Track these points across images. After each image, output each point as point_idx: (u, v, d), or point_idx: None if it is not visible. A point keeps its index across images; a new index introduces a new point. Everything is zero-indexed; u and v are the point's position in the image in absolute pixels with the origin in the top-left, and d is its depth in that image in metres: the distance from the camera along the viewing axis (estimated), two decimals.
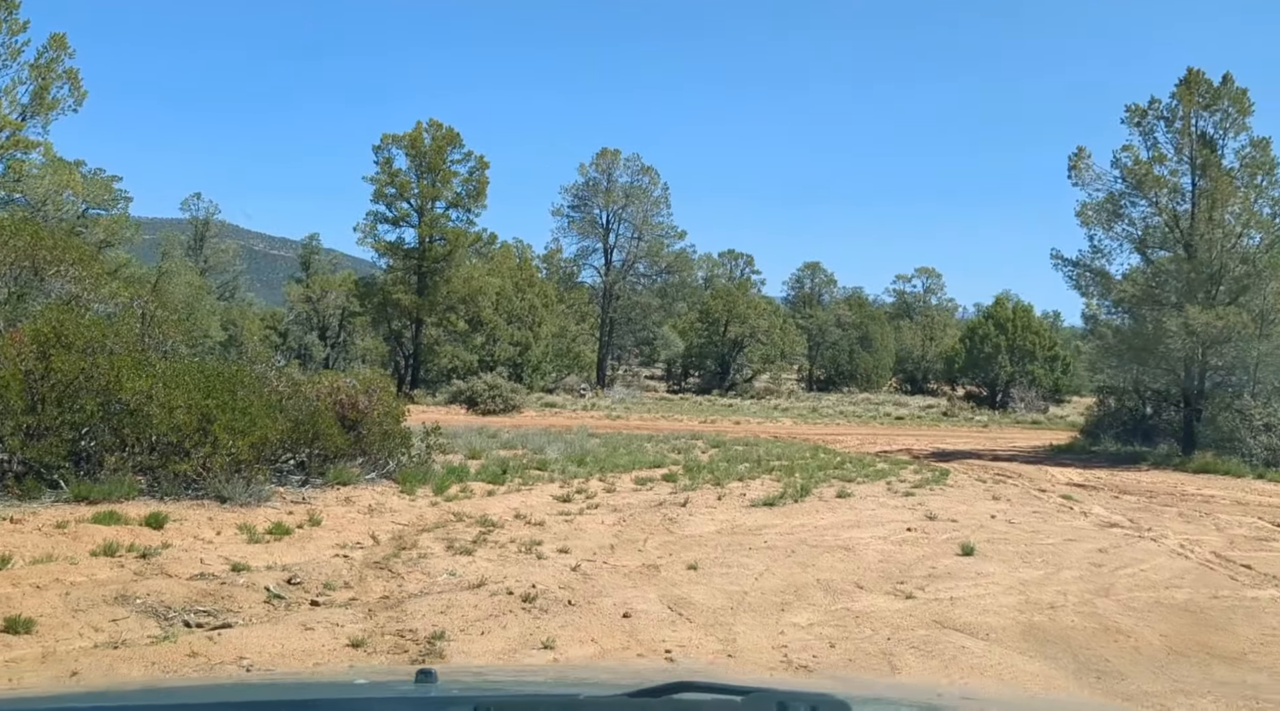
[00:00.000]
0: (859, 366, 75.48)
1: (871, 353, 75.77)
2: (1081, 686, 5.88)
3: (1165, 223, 23.90)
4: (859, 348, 76.08)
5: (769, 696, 1.74)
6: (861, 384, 73.60)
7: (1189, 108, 23.03)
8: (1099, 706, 4.78)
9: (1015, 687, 5.68)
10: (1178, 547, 11.06)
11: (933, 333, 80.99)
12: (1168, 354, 22.92)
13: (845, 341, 77.34)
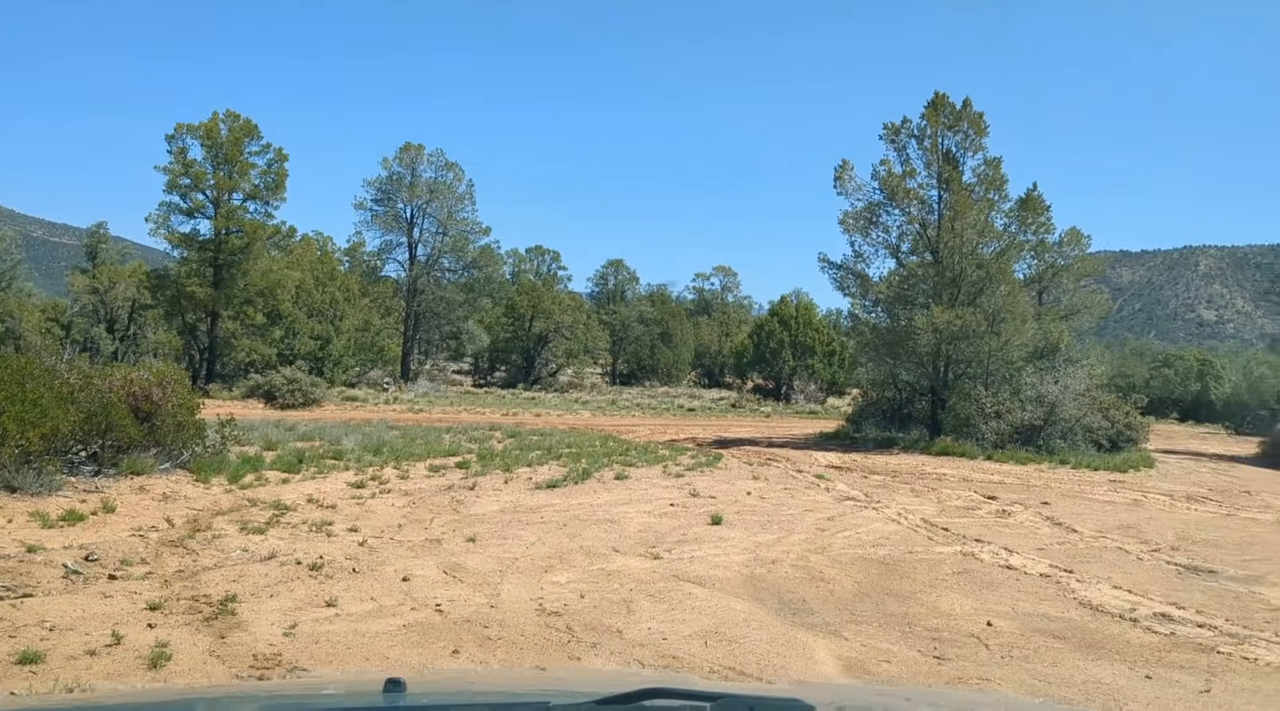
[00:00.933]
0: (660, 361, 77.87)
1: (671, 348, 78.30)
2: (778, 619, 7.20)
3: (916, 231, 26.49)
4: (660, 343, 78.49)
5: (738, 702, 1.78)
6: (662, 378, 75.97)
7: (935, 128, 25.66)
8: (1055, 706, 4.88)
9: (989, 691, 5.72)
10: (895, 516, 12.85)
11: (728, 329, 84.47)
12: (917, 349, 25.45)
13: (647, 337, 79.61)
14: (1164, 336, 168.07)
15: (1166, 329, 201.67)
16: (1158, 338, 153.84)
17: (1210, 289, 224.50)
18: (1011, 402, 24.18)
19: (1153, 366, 76.83)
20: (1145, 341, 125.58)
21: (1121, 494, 17.18)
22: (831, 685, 5.30)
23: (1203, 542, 11.90)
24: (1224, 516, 14.76)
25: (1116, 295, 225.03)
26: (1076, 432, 23.58)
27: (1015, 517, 13.47)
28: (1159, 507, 15.51)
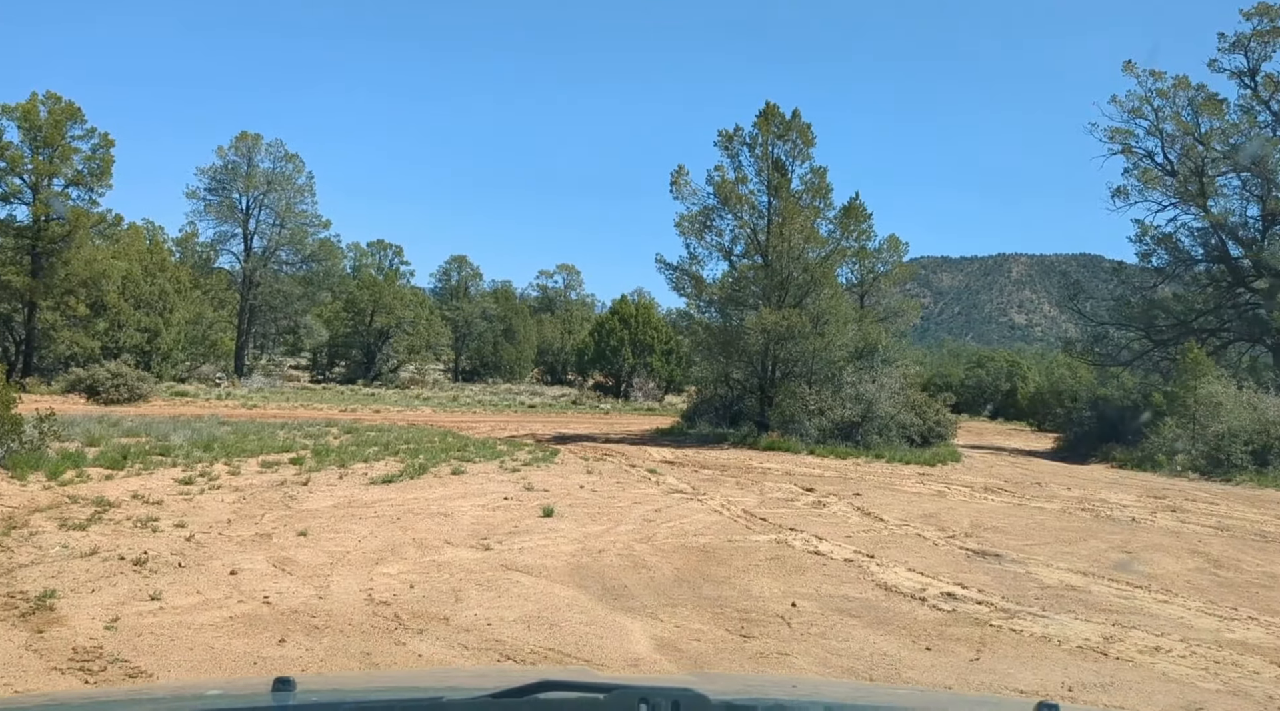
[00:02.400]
0: (503, 358, 77.60)
1: (514, 345, 78.13)
2: (600, 604, 7.55)
3: (748, 235, 27.49)
4: (503, 340, 78.23)
5: (631, 692, 1.77)
6: (505, 375, 75.74)
7: (766, 136, 26.70)
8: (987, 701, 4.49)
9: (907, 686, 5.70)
10: (719, 507, 13.45)
11: (571, 327, 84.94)
12: (747, 348, 26.44)
13: (490, 334, 79.20)
14: (980, 338, 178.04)
15: (982, 331, 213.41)
16: (974, 340, 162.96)
17: (1021, 294, 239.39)
18: (833, 400, 25.42)
19: (968, 367, 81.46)
20: (963, 343, 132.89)
21: (928, 486, 18.38)
22: (723, 675, 5.41)
23: (992, 529, 12.95)
24: (1015, 505, 16.02)
25: (938, 299, 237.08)
26: (891, 429, 24.98)
27: (829, 508, 14.28)
28: (959, 498, 16.70)
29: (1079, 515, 15.05)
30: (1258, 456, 22.58)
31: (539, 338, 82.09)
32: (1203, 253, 31.25)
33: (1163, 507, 16.40)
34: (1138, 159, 30.84)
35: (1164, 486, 20.45)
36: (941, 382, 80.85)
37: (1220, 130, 29.07)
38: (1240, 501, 18.15)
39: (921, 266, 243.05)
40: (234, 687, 2.84)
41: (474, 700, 1.96)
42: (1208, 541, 12.70)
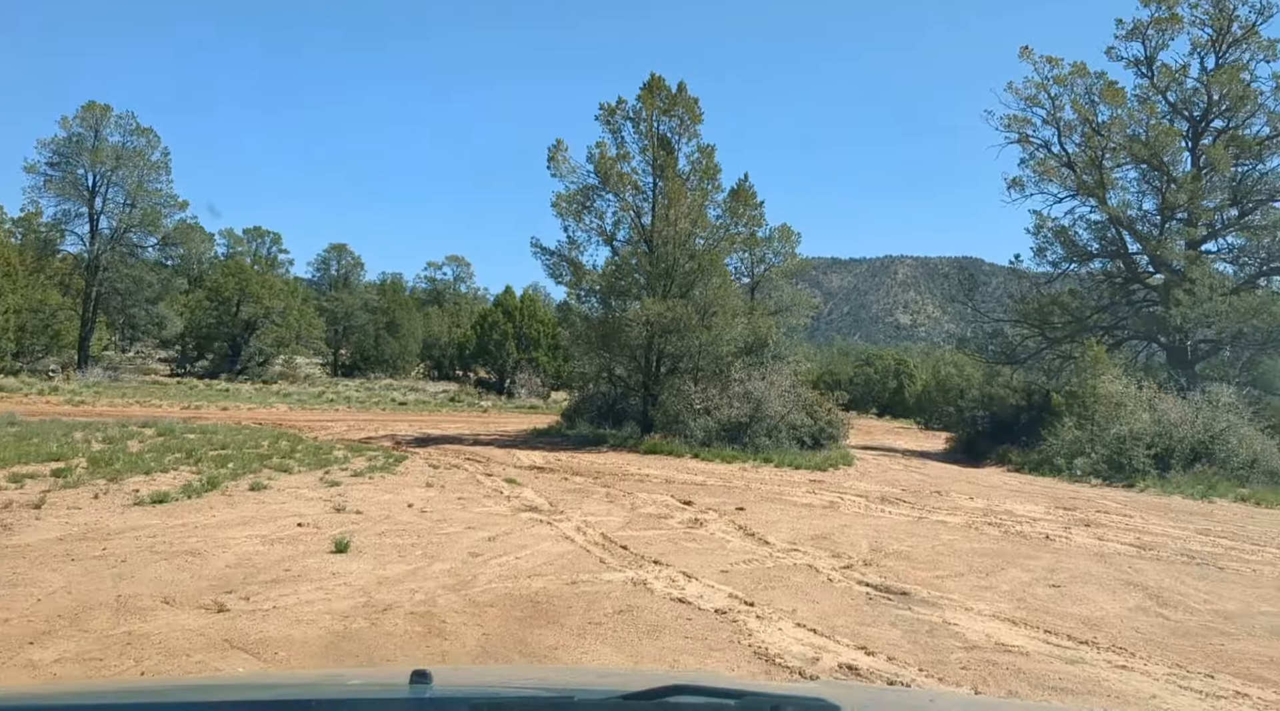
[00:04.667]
0: (385, 352, 73.85)
1: (398, 338, 74.40)
2: None
3: (631, 218, 25.15)
4: (385, 333, 74.43)
5: (763, 699, 1.78)
6: (388, 370, 72.09)
7: (651, 110, 24.38)
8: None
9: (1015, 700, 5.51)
10: (574, 530, 11.03)
11: (459, 320, 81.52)
12: (629, 341, 24.11)
13: (372, 326, 75.31)
14: (868, 338, 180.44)
15: (870, 331, 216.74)
16: (862, 339, 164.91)
17: (906, 295, 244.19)
18: (720, 399, 23.30)
19: (856, 365, 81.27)
20: (851, 342, 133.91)
21: (819, 495, 16.34)
22: (859, 685, 5.24)
23: (895, 554, 10.85)
24: (916, 520, 14.05)
25: (828, 299, 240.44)
26: (781, 430, 23.00)
27: (707, 528, 12.03)
28: (855, 511, 14.67)
29: (987, 532, 13.12)
30: (1159, 460, 21.28)
31: (425, 331, 78.43)
32: (1099, 247, 30.23)
33: (1075, 522, 14.64)
34: (1034, 149, 29.66)
35: (1069, 494, 18.86)
36: (831, 381, 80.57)
37: (1119, 119, 27.98)
38: (1151, 512, 16.59)
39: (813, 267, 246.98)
40: (373, 678, 3.27)
41: (605, 700, 1.95)
42: (1138, 567, 10.82)
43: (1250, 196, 28.15)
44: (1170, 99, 28.58)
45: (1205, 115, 28.26)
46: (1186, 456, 21.32)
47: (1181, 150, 28.30)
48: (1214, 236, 29.26)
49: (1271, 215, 28.14)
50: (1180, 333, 26.84)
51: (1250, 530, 14.64)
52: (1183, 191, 27.20)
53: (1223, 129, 28.29)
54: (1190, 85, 28.32)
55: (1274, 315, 25.36)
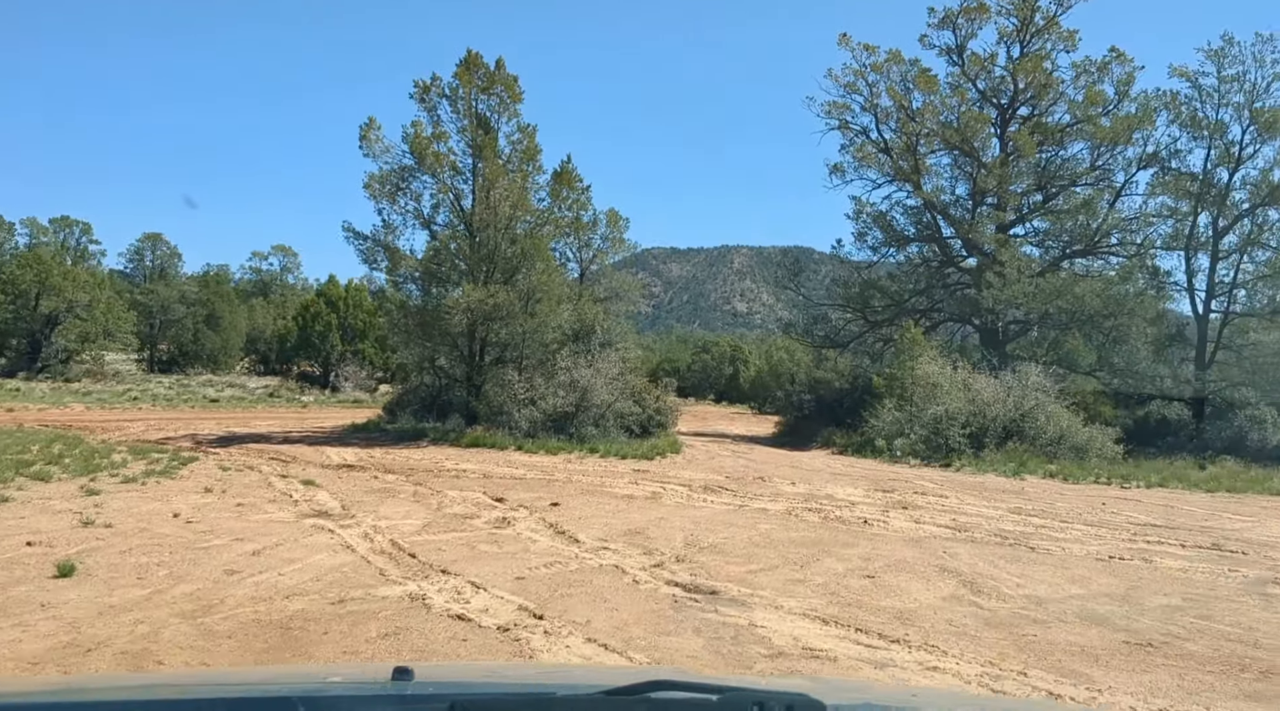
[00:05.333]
0: (205, 347, 69.40)
1: (219, 332, 70.03)
2: None
3: (450, 201, 23.90)
4: (205, 327, 69.96)
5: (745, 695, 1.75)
6: (209, 365, 67.79)
7: (469, 88, 23.15)
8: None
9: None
10: (360, 537, 9.92)
11: (286, 311, 77.56)
12: (449, 330, 22.89)
13: (190, 320, 70.67)
14: (706, 326, 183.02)
15: (708, 319, 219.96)
16: (701, 327, 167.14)
17: (743, 284, 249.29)
18: (546, 388, 22.40)
19: (694, 353, 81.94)
20: (690, 330, 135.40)
21: (642, 486, 15.68)
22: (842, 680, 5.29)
23: (710, 548, 10.22)
24: (737, 509, 13.55)
25: (668, 287, 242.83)
26: (609, 419, 22.29)
27: (514, 527, 11.12)
28: (676, 502, 14.07)
29: (806, 519, 12.72)
30: (974, 439, 21.67)
31: (249, 324, 74.20)
32: (916, 231, 30.88)
33: (893, 504, 14.46)
34: (854, 135, 29.99)
35: (889, 476, 18.88)
36: (670, 368, 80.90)
37: (932, 106, 28.55)
38: (967, 491, 16.69)
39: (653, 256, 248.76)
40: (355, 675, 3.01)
41: (587, 696, 1.92)
42: (953, 551, 10.55)
43: (1053, 182, 29.30)
44: (980, 87, 29.41)
45: (1012, 103, 29.24)
46: (999, 435, 21.80)
47: (990, 136, 29.23)
48: (1021, 221, 30.35)
49: (1073, 200, 29.35)
50: (992, 314, 27.65)
51: (1059, 507, 14.82)
52: (992, 176, 28.04)
53: (1028, 116, 29.34)
54: (998, 73, 29.26)
55: (1076, 296, 26.37)
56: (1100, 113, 27.84)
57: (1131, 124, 27.25)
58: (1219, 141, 26.67)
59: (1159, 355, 28.06)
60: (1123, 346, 27.33)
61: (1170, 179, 27.71)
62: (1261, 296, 28.11)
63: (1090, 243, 29.30)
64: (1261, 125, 25.71)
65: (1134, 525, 13.09)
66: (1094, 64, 28.09)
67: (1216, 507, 15.70)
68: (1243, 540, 12.05)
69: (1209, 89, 26.54)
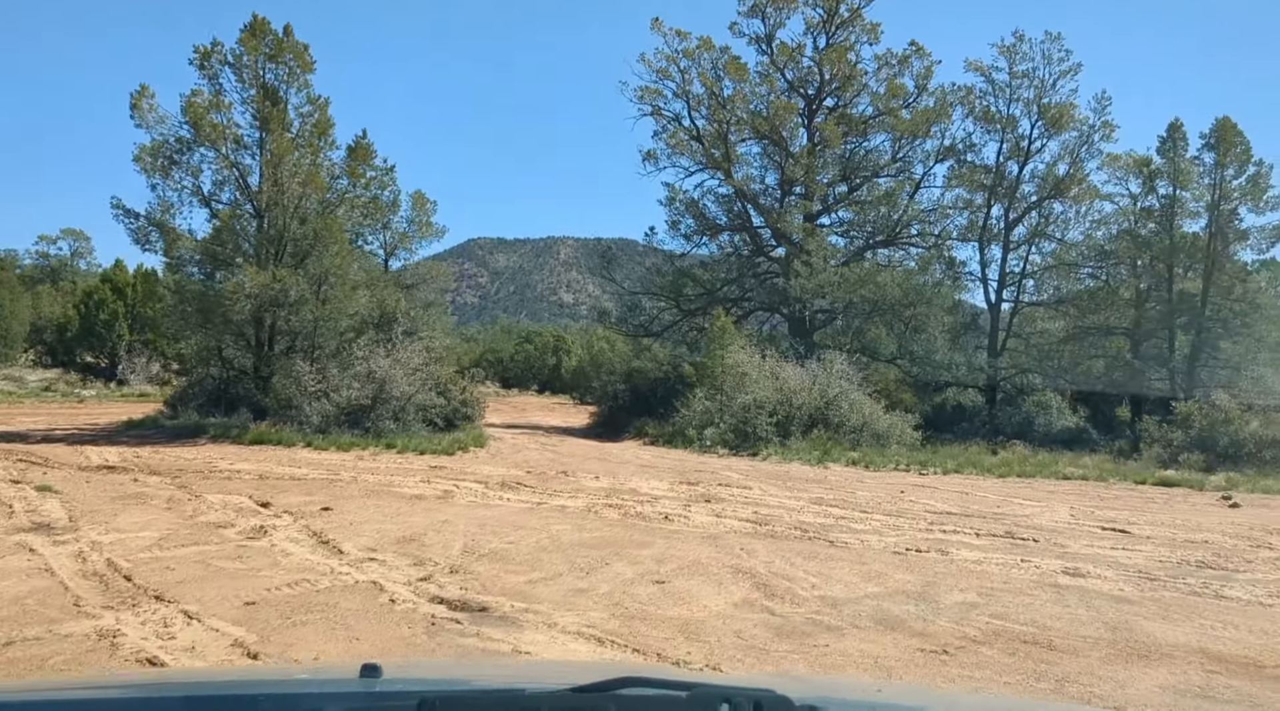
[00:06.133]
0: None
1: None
2: None
3: (236, 178, 21.80)
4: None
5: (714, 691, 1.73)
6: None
7: (255, 55, 21.12)
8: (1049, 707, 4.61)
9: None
10: (72, 555, 8.38)
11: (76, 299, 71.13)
12: (233, 317, 20.87)
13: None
14: (534, 316, 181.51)
15: (535, 309, 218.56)
16: (529, 318, 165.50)
17: (569, 275, 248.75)
18: (340, 380, 20.73)
19: (517, 343, 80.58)
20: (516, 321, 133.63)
21: (435, 484, 14.45)
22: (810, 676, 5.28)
23: (491, 556, 9.17)
24: (534, 507, 12.56)
25: (494, 278, 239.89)
26: (409, 412, 20.85)
27: (271, 537, 9.74)
28: (468, 501, 12.95)
29: (605, 517, 11.86)
30: (781, 428, 21.46)
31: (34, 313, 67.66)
32: (728, 220, 30.72)
33: (697, 498, 13.82)
34: (667, 122, 29.47)
35: (696, 467, 18.33)
36: (493, 359, 79.24)
37: (742, 94, 28.36)
38: (772, 481, 16.29)
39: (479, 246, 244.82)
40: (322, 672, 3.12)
41: (555, 692, 1.88)
42: (751, 548, 9.90)
43: (858, 172, 29.74)
44: (788, 77, 29.46)
45: (819, 93, 29.45)
46: (805, 423, 21.67)
47: (798, 126, 29.34)
48: (828, 211, 30.68)
49: (875, 191, 29.86)
50: (799, 303, 27.74)
51: (860, 496, 14.55)
52: (799, 166, 28.13)
53: (834, 107, 29.62)
54: (806, 64, 29.40)
55: (878, 286, 26.75)
56: (901, 105, 28.40)
57: (930, 117, 27.89)
58: (1010, 135, 27.67)
59: (955, 343, 28.91)
60: (921, 335, 27.98)
61: (965, 172, 28.55)
62: (1048, 286, 29.39)
63: (892, 233, 29.91)
64: (1049, 120, 26.78)
65: (931, 514, 12.89)
66: (895, 57, 28.63)
67: (1008, 493, 15.87)
68: (1033, 527, 11.98)
69: (1001, 84, 27.47)
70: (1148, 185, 26.82)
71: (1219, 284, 26.18)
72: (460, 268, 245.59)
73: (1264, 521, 13.22)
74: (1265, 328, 25.87)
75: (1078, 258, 28.65)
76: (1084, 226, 28.62)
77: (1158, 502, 15.35)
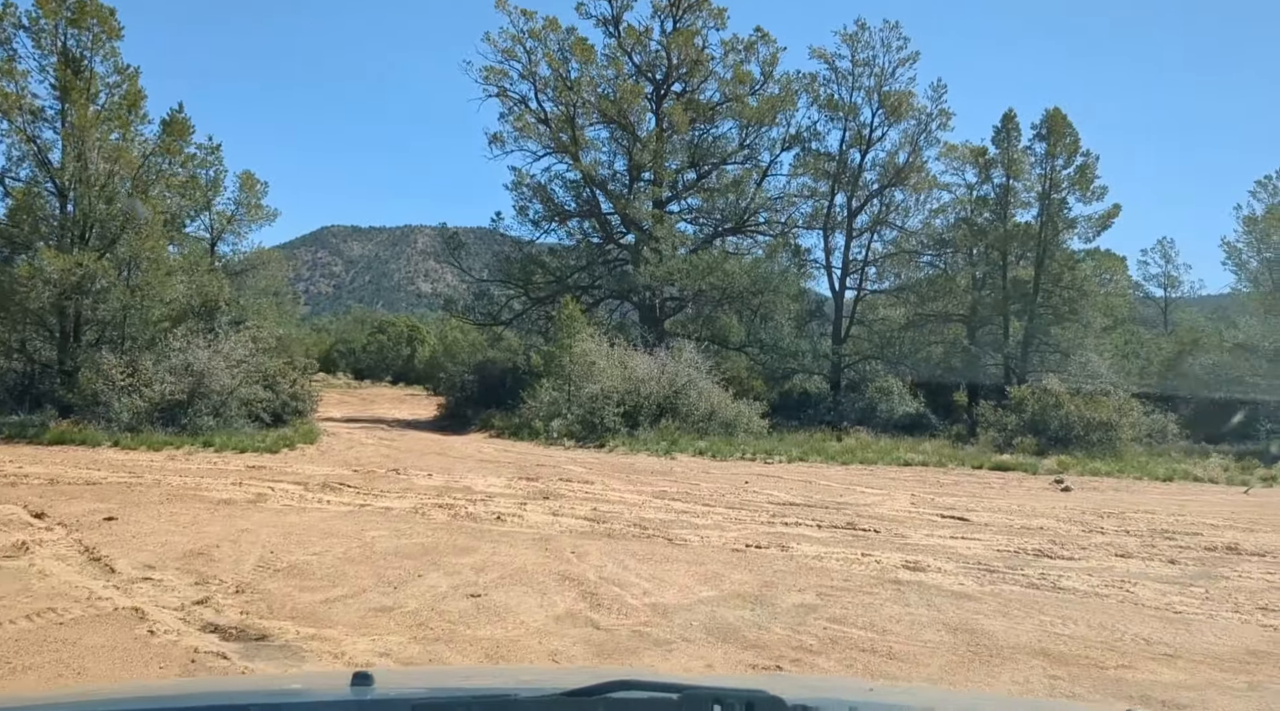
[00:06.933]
0: None
1: None
2: None
3: (34, 153, 19.61)
4: None
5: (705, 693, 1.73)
6: None
7: (54, 19, 18.99)
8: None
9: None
10: None
11: None
12: (31, 305, 18.76)
13: None
14: (391, 306, 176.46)
15: (392, 299, 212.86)
16: (385, 307, 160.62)
17: (427, 264, 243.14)
18: (154, 373, 18.90)
19: (370, 333, 77.79)
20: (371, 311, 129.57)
21: (249, 487, 13.13)
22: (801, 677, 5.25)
23: (288, 570, 8.09)
24: (355, 510, 11.47)
25: (349, 267, 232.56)
26: (232, 407, 19.20)
27: (34, 554, 8.40)
28: (283, 505, 11.75)
29: (433, 519, 10.88)
30: (629, 418, 20.82)
31: None
32: (576, 206, 29.88)
33: (535, 494, 12.99)
34: (513, 104, 28.34)
35: (540, 460, 17.47)
36: (345, 350, 76.12)
37: (589, 77, 27.52)
38: (616, 474, 15.60)
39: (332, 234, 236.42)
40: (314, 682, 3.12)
41: (547, 697, 1.89)
42: (584, 550, 9.14)
43: (706, 159, 29.37)
44: (636, 60, 28.78)
45: (667, 78, 28.90)
46: (654, 413, 21.10)
47: (646, 111, 28.74)
48: (677, 198, 30.23)
49: (724, 178, 29.59)
50: (649, 291, 27.18)
51: (704, 488, 14.01)
52: (647, 152, 27.54)
53: (681, 92, 29.12)
54: (654, 48, 28.75)
55: (726, 273, 26.45)
56: (747, 92, 28.14)
57: (775, 104, 27.73)
58: (853, 123, 27.81)
59: (801, 331, 28.94)
60: (769, 323, 27.87)
61: (810, 160, 28.55)
62: (889, 274, 29.76)
63: (740, 221, 29.69)
64: (888, 109, 27.00)
65: (774, 505, 12.43)
66: (741, 43, 28.33)
67: (851, 480, 15.64)
68: (875, 517, 11.65)
69: (844, 72, 27.55)
70: (983, 174, 27.42)
71: (1049, 271, 26.99)
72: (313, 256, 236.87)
73: (1094, 504, 13.33)
74: (1092, 314, 26.82)
75: (917, 246, 29.10)
76: (923, 215, 29.13)
77: (994, 487, 15.40)
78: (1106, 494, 14.85)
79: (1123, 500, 13.98)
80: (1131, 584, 8.08)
